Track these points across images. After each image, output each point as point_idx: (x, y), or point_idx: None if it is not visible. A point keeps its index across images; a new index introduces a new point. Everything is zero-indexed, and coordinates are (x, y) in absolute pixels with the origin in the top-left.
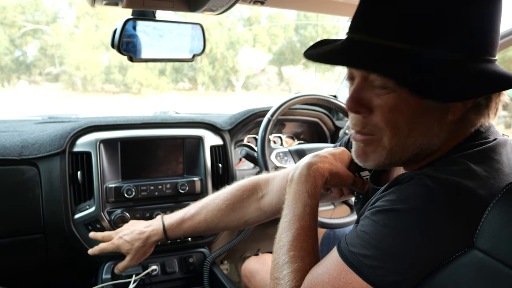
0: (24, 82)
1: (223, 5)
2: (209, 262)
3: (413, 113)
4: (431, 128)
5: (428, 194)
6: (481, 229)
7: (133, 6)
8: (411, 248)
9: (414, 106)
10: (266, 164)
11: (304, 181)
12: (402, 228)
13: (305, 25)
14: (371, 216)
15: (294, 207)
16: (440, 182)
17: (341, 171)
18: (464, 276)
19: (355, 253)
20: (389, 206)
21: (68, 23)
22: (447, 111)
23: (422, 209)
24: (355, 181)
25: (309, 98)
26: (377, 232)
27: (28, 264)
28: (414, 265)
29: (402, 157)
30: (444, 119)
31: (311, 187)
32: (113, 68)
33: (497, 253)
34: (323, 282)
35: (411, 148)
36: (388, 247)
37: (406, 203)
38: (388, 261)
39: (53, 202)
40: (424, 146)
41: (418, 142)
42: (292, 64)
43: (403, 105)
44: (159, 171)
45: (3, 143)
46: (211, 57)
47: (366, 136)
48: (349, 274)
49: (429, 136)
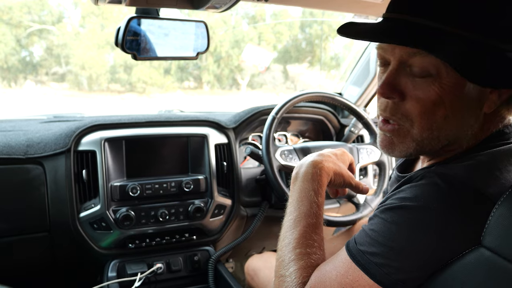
0: (31, 82)
1: (226, 2)
2: (214, 260)
3: (453, 103)
4: (467, 121)
5: (437, 192)
6: (488, 227)
7: (137, 4)
8: (419, 246)
9: (455, 95)
10: (271, 162)
11: (310, 179)
12: (410, 225)
13: (310, 22)
14: (380, 214)
15: (300, 205)
16: (450, 181)
17: (344, 172)
18: (471, 275)
19: (363, 251)
20: (398, 204)
21: (74, 22)
22: (483, 103)
23: (430, 207)
24: (357, 183)
25: (314, 96)
26: (385, 230)
27: (34, 262)
28: (421, 263)
29: (432, 148)
30: (479, 112)
31: (317, 185)
32: (118, 68)
33: (504, 251)
34: (330, 279)
35: (442, 141)
36: (396, 244)
37: (415, 201)
38: (395, 259)
39: (58, 201)
40: (456, 139)
41: (451, 134)
42: (298, 62)
43: (444, 94)
44: (163, 170)
45: (9, 142)
46: (216, 56)
47: (394, 126)
48: (356, 272)
49: (464, 129)
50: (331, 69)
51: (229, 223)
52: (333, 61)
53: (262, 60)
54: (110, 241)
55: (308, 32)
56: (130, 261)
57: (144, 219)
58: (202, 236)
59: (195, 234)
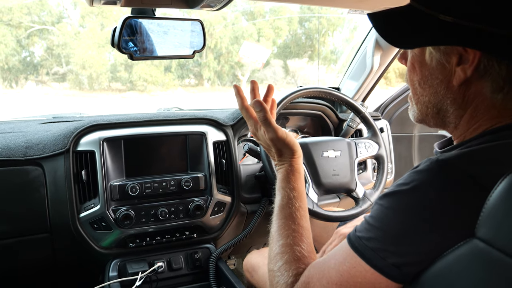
0: (32, 83)
1: (220, 1)
2: (215, 257)
3: (421, 70)
4: (437, 89)
5: (432, 177)
6: (481, 218)
7: (132, 5)
8: (414, 230)
9: (420, 63)
10: (269, 158)
11: (280, 179)
12: (405, 209)
13: (309, 17)
14: (379, 201)
15: (276, 200)
16: (446, 167)
17: (269, 138)
18: (465, 267)
19: (360, 237)
20: (394, 189)
21: (73, 22)
22: (451, 75)
23: (424, 192)
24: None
25: (311, 91)
26: (382, 215)
27: (35, 263)
28: (415, 247)
29: (428, 114)
30: (449, 84)
31: (283, 179)
32: (118, 66)
33: (498, 242)
34: (329, 268)
35: (429, 107)
36: (390, 228)
37: (410, 185)
38: (391, 243)
39: (58, 202)
40: (439, 109)
41: (431, 101)
42: (297, 57)
43: (414, 62)
44: (162, 168)
45: (8, 144)
46: (216, 52)
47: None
48: (354, 258)
49: (438, 97)
50: (331, 63)
51: (229, 220)
52: (333, 55)
53: (259, 56)
54: (110, 241)
55: (307, 26)
56: (131, 260)
57: (144, 218)
58: (202, 234)
59: (195, 232)
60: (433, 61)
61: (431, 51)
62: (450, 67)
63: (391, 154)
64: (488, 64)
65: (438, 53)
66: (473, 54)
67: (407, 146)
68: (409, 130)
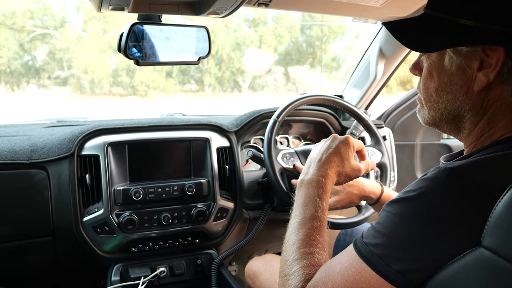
0: (33, 86)
1: (227, 8)
2: (217, 263)
3: (440, 77)
4: (456, 95)
5: (439, 185)
6: (488, 227)
7: (139, 11)
8: (420, 237)
9: (439, 70)
10: (273, 165)
11: (315, 186)
12: (412, 216)
13: (310, 25)
14: (386, 208)
15: (305, 209)
16: (454, 175)
17: (348, 170)
18: (471, 275)
19: (366, 243)
20: (402, 196)
21: (76, 27)
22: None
23: (429, 199)
24: (365, 169)
25: (315, 99)
26: (389, 221)
27: (38, 267)
28: (421, 254)
29: (442, 120)
30: (470, 90)
31: (322, 191)
32: (120, 71)
33: (504, 251)
34: (334, 272)
35: (444, 113)
36: (397, 234)
37: (418, 192)
38: (396, 248)
39: (62, 205)
40: (456, 115)
41: (448, 108)
42: (299, 64)
43: (432, 69)
44: (166, 173)
45: (13, 147)
46: (217, 59)
47: (419, 97)
48: (360, 264)
49: (456, 103)
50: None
51: (231, 226)
52: (334, 62)
53: (262, 63)
54: (113, 245)
55: (308, 34)
56: (133, 265)
57: (147, 223)
58: (205, 239)
59: (198, 238)
60: (453, 66)
61: (452, 56)
62: (471, 72)
63: (394, 162)
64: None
65: (459, 58)
66: (496, 58)
67: (409, 155)
68: (411, 139)
